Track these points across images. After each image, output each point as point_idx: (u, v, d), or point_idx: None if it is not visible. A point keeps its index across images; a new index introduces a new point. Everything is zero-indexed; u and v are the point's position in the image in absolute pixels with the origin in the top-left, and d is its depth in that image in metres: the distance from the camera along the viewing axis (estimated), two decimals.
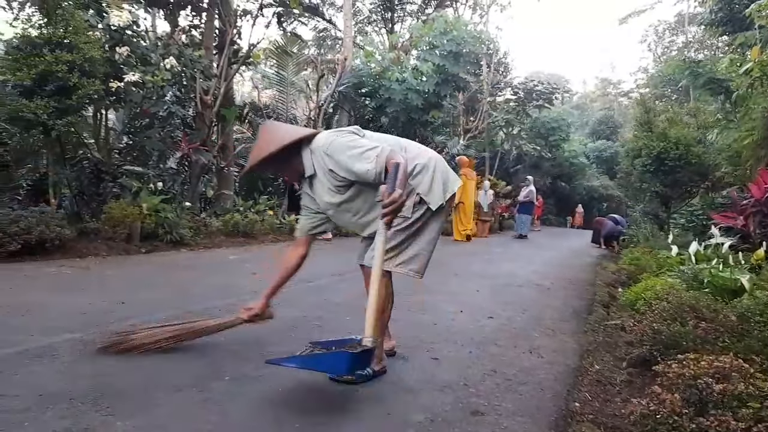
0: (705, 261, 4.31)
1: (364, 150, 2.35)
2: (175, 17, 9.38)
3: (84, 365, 2.31)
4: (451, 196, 2.66)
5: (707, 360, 1.99)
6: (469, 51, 13.52)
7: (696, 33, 26.88)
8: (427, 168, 2.56)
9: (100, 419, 1.81)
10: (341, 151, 2.42)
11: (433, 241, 2.66)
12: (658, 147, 9.47)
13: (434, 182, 2.55)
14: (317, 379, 2.37)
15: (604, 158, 29.36)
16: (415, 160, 2.55)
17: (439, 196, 2.56)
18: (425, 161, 2.58)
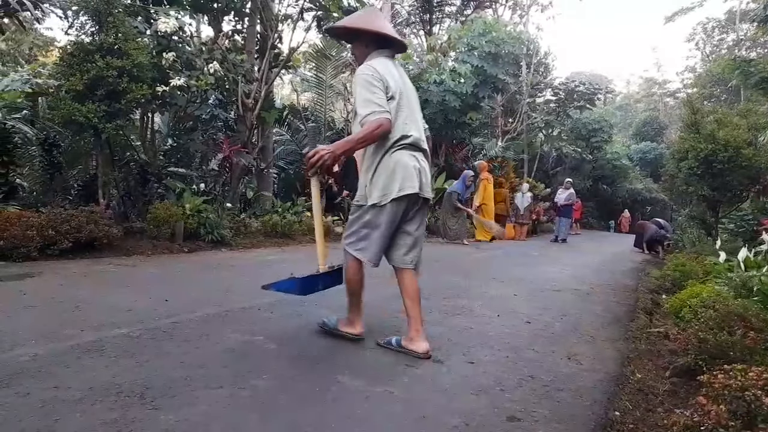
0: (755, 268, 4.13)
1: (366, 95, 2.76)
2: (218, 23, 9.62)
3: (130, 360, 2.41)
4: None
5: (756, 371, 1.92)
6: (508, 52, 13.37)
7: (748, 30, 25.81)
8: (384, 163, 2.85)
9: (146, 412, 1.88)
10: (357, 83, 2.84)
11: (382, 234, 2.87)
12: (706, 149, 9.12)
13: (377, 178, 2.87)
14: (351, 377, 2.39)
15: (648, 160, 28.54)
16: (385, 148, 2.85)
17: (380, 193, 2.84)
18: (383, 154, 2.86)
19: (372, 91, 2.76)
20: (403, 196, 2.82)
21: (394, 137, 2.85)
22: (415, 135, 2.91)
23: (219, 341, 2.80)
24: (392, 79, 2.86)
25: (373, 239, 2.89)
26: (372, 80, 2.79)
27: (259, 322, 3.28)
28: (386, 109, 2.74)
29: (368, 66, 2.86)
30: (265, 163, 9.79)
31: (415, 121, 2.96)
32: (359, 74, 2.83)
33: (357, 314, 3.08)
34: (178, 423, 1.83)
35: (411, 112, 2.95)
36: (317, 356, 2.68)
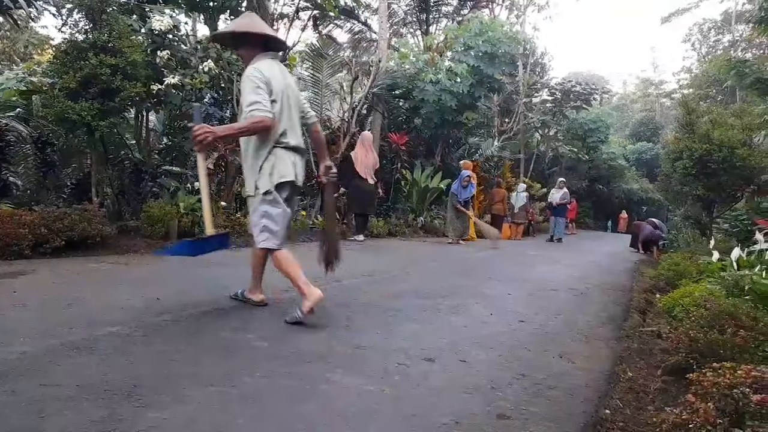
0: (748, 267, 4.15)
1: (252, 96, 3.14)
2: (214, 21, 9.59)
3: (120, 358, 2.39)
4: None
5: (745, 369, 1.92)
6: (504, 52, 13.39)
7: (743, 31, 25.92)
8: (267, 158, 3.27)
9: (133, 410, 1.87)
10: (245, 84, 3.21)
11: (279, 216, 3.32)
12: (701, 149, 9.15)
13: (264, 170, 3.27)
14: (342, 376, 2.39)
15: (644, 161, 28.67)
16: (269, 144, 3.26)
17: (255, 185, 3.30)
18: (268, 148, 3.27)
19: (257, 92, 3.16)
20: (285, 183, 3.31)
21: (276, 136, 3.28)
22: (292, 138, 3.37)
23: (210, 338, 2.79)
24: (276, 81, 3.26)
25: (274, 224, 3.31)
26: (258, 82, 3.18)
27: (251, 319, 3.28)
28: (269, 109, 3.16)
29: (255, 68, 3.24)
30: None
31: (291, 122, 3.39)
32: (247, 76, 3.23)
33: (257, 285, 3.61)
34: (166, 421, 1.82)
35: (290, 113, 3.38)
36: (309, 354, 2.67)
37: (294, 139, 3.37)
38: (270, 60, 3.36)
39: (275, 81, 3.25)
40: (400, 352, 2.84)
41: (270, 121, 3.16)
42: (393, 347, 2.93)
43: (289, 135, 3.33)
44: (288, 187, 3.37)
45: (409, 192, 12.88)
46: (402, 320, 3.61)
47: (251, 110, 3.11)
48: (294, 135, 3.38)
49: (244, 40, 3.38)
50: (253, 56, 3.36)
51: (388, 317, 3.66)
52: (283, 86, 3.31)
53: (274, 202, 3.28)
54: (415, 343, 3.04)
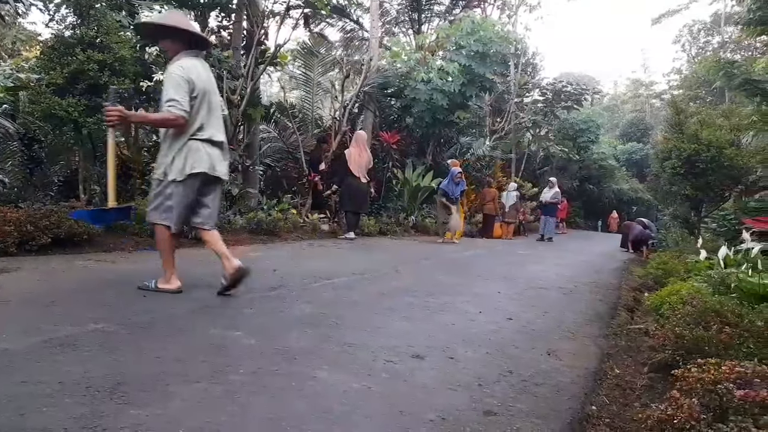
0: (734, 266, 4.18)
1: (171, 93, 3.36)
2: (205, 18, 9.54)
3: (104, 355, 2.37)
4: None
5: (729, 365, 1.93)
6: (496, 51, 13.41)
7: (732, 33, 26.15)
8: (181, 150, 3.50)
9: (115, 407, 1.85)
10: (168, 80, 3.44)
11: (181, 204, 3.56)
12: (689, 149, 9.24)
13: (176, 161, 3.50)
14: (330, 373, 2.38)
15: (634, 161, 28.86)
16: (185, 137, 3.50)
17: (178, 171, 3.50)
18: (184, 142, 3.50)
19: (177, 90, 3.38)
20: (196, 174, 3.52)
21: (192, 130, 3.51)
22: (210, 131, 3.58)
23: (197, 336, 2.77)
24: (198, 79, 3.48)
25: (174, 209, 3.55)
26: (180, 80, 3.39)
27: (238, 317, 3.25)
28: (185, 108, 3.40)
29: (178, 66, 3.45)
30: (251, 160, 9.73)
31: (212, 118, 3.61)
32: (170, 72, 3.46)
33: (171, 272, 3.67)
34: (149, 418, 1.80)
35: (210, 110, 3.60)
36: (296, 351, 2.66)
37: (213, 134, 3.61)
38: (194, 58, 3.58)
39: (198, 79, 3.48)
40: (388, 350, 2.83)
41: (183, 120, 3.42)
42: (381, 345, 2.92)
43: (206, 129, 3.57)
44: (201, 178, 3.58)
45: (400, 191, 12.89)
46: (391, 318, 3.60)
47: (168, 106, 3.37)
48: (213, 130, 3.62)
49: (171, 34, 3.57)
50: (177, 52, 3.57)
51: (377, 315, 3.65)
52: (205, 84, 3.56)
53: (177, 189, 3.54)
54: (403, 341, 3.03)
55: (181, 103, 3.37)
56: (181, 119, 3.40)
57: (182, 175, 3.50)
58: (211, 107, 3.61)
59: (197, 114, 3.51)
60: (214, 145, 3.63)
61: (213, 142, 3.61)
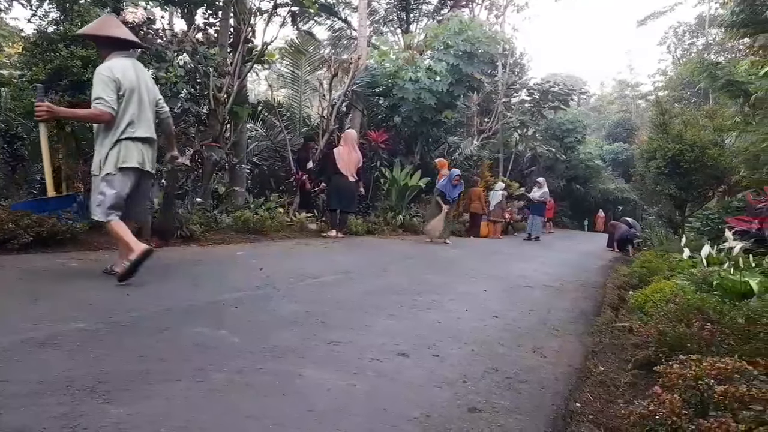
0: (717, 264, 4.23)
1: (99, 91, 3.69)
2: (191, 15, 9.45)
3: (86, 354, 2.34)
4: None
5: (710, 361, 1.96)
6: (483, 51, 13.45)
7: (716, 35, 26.48)
8: (114, 145, 3.79)
9: (96, 406, 1.82)
10: (95, 79, 3.74)
11: (116, 195, 3.83)
12: (673, 149, 9.34)
13: (110, 156, 3.78)
14: (315, 371, 2.37)
15: (620, 161, 29.11)
16: (116, 133, 3.78)
17: (112, 165, 3.79)
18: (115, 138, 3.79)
19: (103, 88, 3.67)
20: (128, 168, 3.81)
21: (122, 126, 3.79)
22: (139, 128, 3.86)
23: (181, 335, 2.75)
24: (126, 79, 3.76)
25: (110, 199, 3.80)
26: (106, 80, 3.68)
27: (224, 316, 3.23)
28: (112, 105, 3.69)
29: (105, 66, 3.77)
30: (238, 159, 9.66)
31: (141, 115, 3.88)
32: (98, 72, 3.76)
33: (128, 250, 3.82)
34: (130, 417, 1.78)
35: (141, 108, 3.87)
36: (281, 350, 2.65)
37: (142, 131, 3.89)
38: (123, 58, 3.87)
39: (124, 78, 3.76)
40: (373, 348, 2.83)
41: (109, 116, 3.71)
42: (367, 343, 2.92)
43: (136, 126, 3.85)
44: (132, 173, 3.88)
45: (388, 190, 12.88)
46: (377, 316, 3.59)
47: (95, 104, 3.69)
48: (142, 127, 3.89)
49: (95, 40, 4.00)
50: (107, 54, 3.88)
51: (364, 314, 3.65)
52: (133, 83, 3.83)
53: (111, 182, 3.81)
54: (389, 339, 3.03)
55: (106, 101, 3.67)
56: (107, 115, 3.70)
57: (115, 169, 3.79)
58: (142, 105, 3.90)
59: (126, 111, 3.80)
60: (144, 142, 3.92)
61: (142, 139, 3.90)
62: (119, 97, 3.74)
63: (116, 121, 3.77)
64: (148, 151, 3.98)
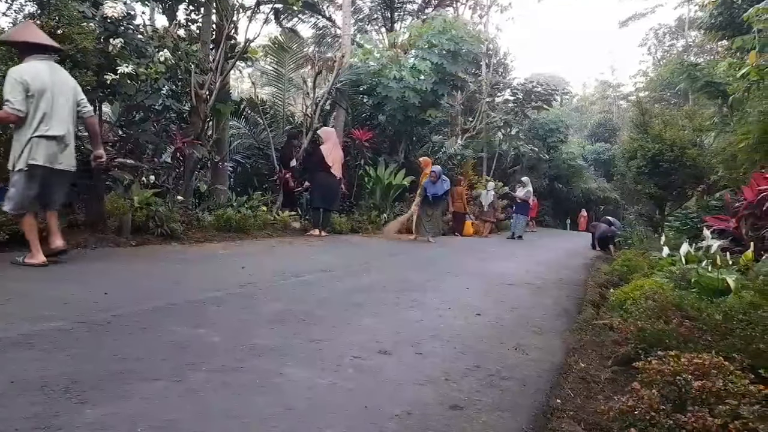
0: (695, 262, 4.29)
1: (6, 93, 3.95)
2: (173, 11, 9.33)
3: (61, 353, 2.29)
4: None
5: (687, 357, 1.98)
6: (467, 51, 13.49)
7: (696, 37, 26.91)
8: (26, 143, 4.04)
9: (71, 406, 1.79)
10: (5, 82, 4.01)
11: (25, 190, 4.10)
12: (654, 149, 9.47)
13: (23, 153, 4.04)
14: (296, 369, 2.35)
15: (602, 161, 29.41)
16: (29, 131, 4.04)
17: (23, 162, 4.04)
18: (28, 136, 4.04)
19: (11, 90, 3.94)
20: (36, 165, 4.06)
21: (33, 126, 4.03)
22: (51, 127, 4.10)
23: (160, 334, 2.70)
24: (35, 80, 4.01)
25: (19, 194, 4.08)
26: (14, 82, 3.95)
27: (204, 314, 3.19)
28: (18, 107, 3.95)
29: (16, 69, 4.04)
30: (220, 157, 9.56)
31: (54, 114, 4.12)
32: (8, 75, 4.02)
33: (36, 250, 4.13)
34: (105, 417, 1.74)
35: (54, 108, 4.12)
36: (262, 348, 2.62)
37: (55, 130, 4.12)
38: (36, 61, 4.11)
39: (34, 80, 4.00)
40: (355, 346, 2.82)
41: (15, 117, 3.98)
42: (349, 341, 2.90)
43: (47, 125, 4.09)
44: (41, 170, 4.11)
45: (372, 189, 12.85)
46: (360, 314, 3.58)
47: (4, 106, 3.97)
48: (54, 126, 4.12)
49: (18, 46, 4.28)
50: (24, 58, 4.15)
51: (346, 311, 3.63)
52: (45, 84, 4.06)
53: (21, 178, 4.07)
54: (371, 337, 3.02)
55: (13, 103, 3.93)
56: (13, 117, 3.97)
57: (26, 165, 4.04)
58: (55, 105, 4.13)
59: (37, 110, 4.04)
60: (55, 140, 4.15)
61: (55, 137, 4.14)
62: (29, 97, 3.99)
63: (28, 120, 4.03)
64: (61, 148, 4.21)
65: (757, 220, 5.15)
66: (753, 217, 5.25)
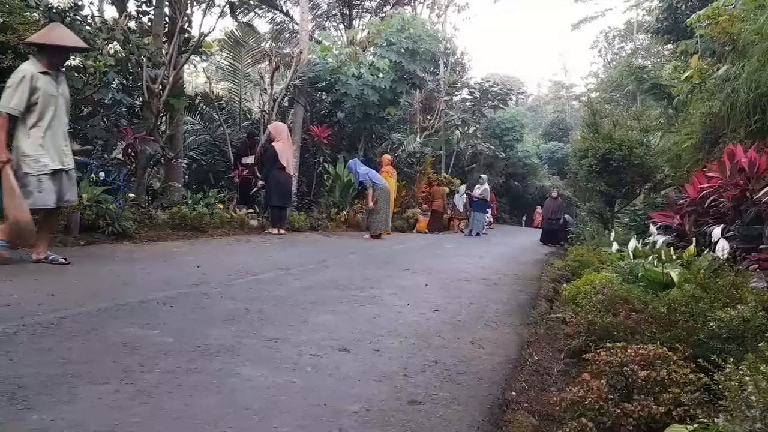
0: (642, 257, 4.46)
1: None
2: (123, 2, 9.02)
3: (3, 358, 2.18)
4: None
5: (634, 348, 2.06)
6: (426, 49, 13.61)
7: (644, 40, 27.94)
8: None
9: (15, 413, 1.71)
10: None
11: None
12: (604, 148, 9.79)
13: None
14: (252, 369, 2.32)
15: (555, 159, 30.18)
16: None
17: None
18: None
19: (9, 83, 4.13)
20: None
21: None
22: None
23: (109, 335, 2.61)
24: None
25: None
26: (15, 77, 4.11)
27: (156, 315, 3.10)
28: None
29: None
30: (174, 153, 9.32)
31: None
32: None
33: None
34: (53, 422, 1.68)
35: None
36: (217, 348, 2.57)
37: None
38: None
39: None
40: (313, 344, 2.80)
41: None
42: (306, 339, 2.88)
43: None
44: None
45: (331, 186, 12.81)
46: (317, 312, 3.56)
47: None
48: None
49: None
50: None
51: (303, 310, 3.60)
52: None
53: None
54: (329, 335, 3.01)
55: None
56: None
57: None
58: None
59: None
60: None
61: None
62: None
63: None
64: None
65: (700, 217, 5.38)
66: (695, 213, 5.48)
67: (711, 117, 6.65)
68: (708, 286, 2.71)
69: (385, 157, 12.25)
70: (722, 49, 7.04)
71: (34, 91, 4.14)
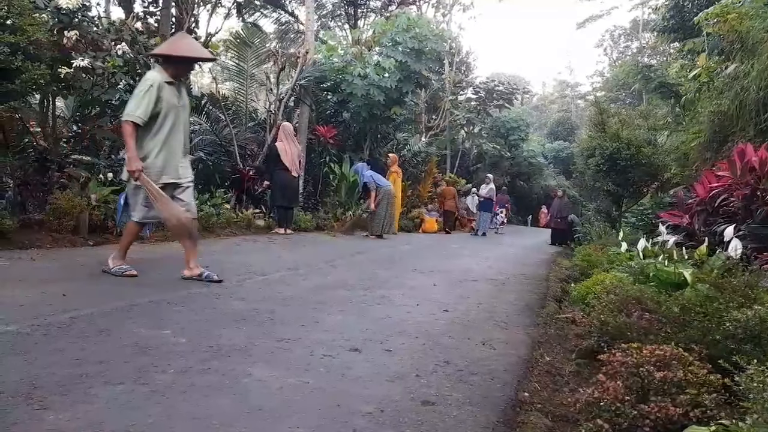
0: (652, 256, 4.44)
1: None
2: (130, 3, 9.05)
3: (17, 358, 2.19)
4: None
5: (649, 349, 2.04)
6: (431, 49, 13.57)
7: (649, 39, 27.79)
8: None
9: (31, 413, 1.72)
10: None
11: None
12: (611, 147, 9.76)
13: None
14: (264, 369, 2.32)
15: (561, 158, 30.10)
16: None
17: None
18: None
19: (137, 92, 4.07)
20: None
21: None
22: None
23: (122, 336, 2.62)
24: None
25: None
26: (142, 87, 4.02)
27: (168, 315, 3.11)
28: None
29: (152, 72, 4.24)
30: None
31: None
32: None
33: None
34: (68, 423, 1.68)
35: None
36: (229, 349, 2.58)
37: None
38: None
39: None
40: (324, 344, 2.80)
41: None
42: (317, 339, 2.88)
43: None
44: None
45: (337, 186, 12.80)
46: (327, 312, 3.56)
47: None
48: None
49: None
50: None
51: (313, 310, 3.60)
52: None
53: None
54: (339, 335, 3.01)
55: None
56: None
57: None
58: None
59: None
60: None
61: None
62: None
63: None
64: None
65: (709, 216, 5.36)
66: (705, 213, 5.46)
67: (719, 115, 6.62)
68: (722, 285, 2.70)
69: (392, 156, 12.24)
70: (730, 47, 7.00)
71: (159, 100, 3.99)
